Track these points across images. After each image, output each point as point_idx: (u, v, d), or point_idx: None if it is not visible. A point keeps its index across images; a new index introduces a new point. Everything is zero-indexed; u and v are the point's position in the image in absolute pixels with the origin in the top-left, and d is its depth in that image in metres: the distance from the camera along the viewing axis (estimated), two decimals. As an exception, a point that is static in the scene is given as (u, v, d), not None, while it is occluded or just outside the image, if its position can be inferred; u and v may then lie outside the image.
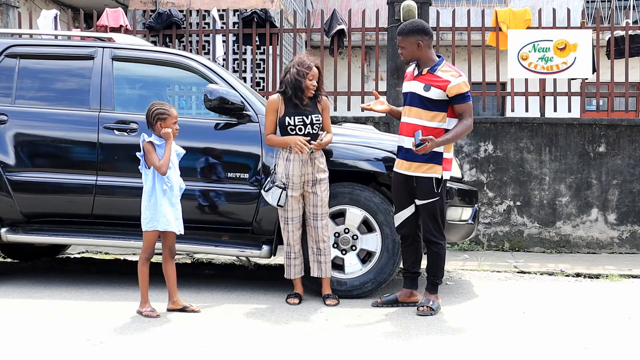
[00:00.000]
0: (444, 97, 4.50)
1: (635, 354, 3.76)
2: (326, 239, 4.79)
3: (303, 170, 4.72)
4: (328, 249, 4.82)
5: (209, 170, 5.10)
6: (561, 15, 11.00)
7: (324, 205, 4.77)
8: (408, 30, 4.60)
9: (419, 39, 4.56)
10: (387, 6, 8.07)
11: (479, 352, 3.72)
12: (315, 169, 4.74)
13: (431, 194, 4.54)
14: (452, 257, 6.86)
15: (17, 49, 5.38)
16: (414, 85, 4.59)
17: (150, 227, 4.39)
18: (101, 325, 4.12)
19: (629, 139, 7.68)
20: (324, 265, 4.80)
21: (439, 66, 4.56)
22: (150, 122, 4.42)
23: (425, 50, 4.58)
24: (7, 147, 5.14)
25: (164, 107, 4.42)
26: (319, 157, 4.77)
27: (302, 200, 4.79)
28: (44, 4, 12.17)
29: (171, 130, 4.40)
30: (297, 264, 4.85)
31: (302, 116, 4.74)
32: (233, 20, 11.34)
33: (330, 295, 4.81)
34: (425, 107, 4.53)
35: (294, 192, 4.74)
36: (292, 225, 4.79)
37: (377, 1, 15.02)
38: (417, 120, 4.54)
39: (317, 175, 4.74)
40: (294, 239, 4.80)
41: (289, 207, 4.76)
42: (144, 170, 4.43)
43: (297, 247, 4.83)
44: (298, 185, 4.74)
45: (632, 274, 6.30)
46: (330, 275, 4.85)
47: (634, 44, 8.29)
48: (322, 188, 4.75)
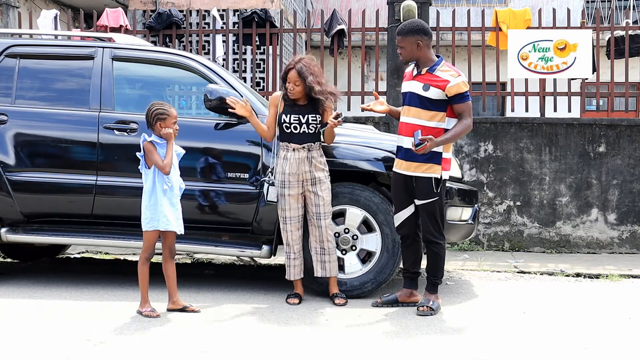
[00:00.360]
0: (443, 96, 4.50)
1: (635, 354, 3.77)
2: (331, 238, 4.78)
3: (300, 169, 4.72)
4: (333, 249, 4.80)
5: (209, 170, 5.10)
6: (561, 15, 11.00)
7: (326, 204, 4.76)
8: (407, 30, 4.60)
9: (418, 39, 4.56)
10: (387, 6, 8.07)
11: (479, 352, 3.72)
12: (312, 167, 4.74)
13: (430, 194, 4.54)
14: (452, 257, 6.86)
15: (17, 49, 5.38)
16: (413, 85, 4.59)
17: (150, 226, 4.39)
18: (101, 325, 4.12)
19: (629, 139, 7.68)
20: (329, 264, 4.79)
21: (438, 66, 4.56)
22: (150, 122, 4.42)
23: (425, 50, 4.58)
24: (7, 147, 5.14)
25: (164, 107, 4.42)
26: (316, 156, 4.76)
27: (302, 200, 4.79)
28: (44, 4, 12.17)
29: (172, 130, 4.40)
30: (297, 264, 4.84)
31: (297, 115, 4.75)
32: (233, 20, 11.34)
33: (338, 294, 4.81)
34: (424, 107, 4.53)
35: (291, 191, 4.74)
36: (290, 224, 4.78)
37: (377, 1, 15.02)
38: (416, 120, 4.54)
39: (316, 174, 4.74)
40: (293, 238, 4.80)
41: (286, 206, 4.76)
42: (144, 170, 4.43)
43: (297, 248, 4.82)
44: (295, 184, 4.73)
45: (632, 274, 6.30)
46: (336, 274, 4.84)
47: (634, 44, 8.29)
48: (322, 187, 4.75)
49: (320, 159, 4.79)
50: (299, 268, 4.86)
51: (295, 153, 4.72)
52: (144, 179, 4.44)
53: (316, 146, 4.78)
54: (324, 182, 4.76)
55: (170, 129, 4.38)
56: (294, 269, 4.84)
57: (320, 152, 4.80)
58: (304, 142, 4.74)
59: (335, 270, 4.83)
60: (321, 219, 4.75)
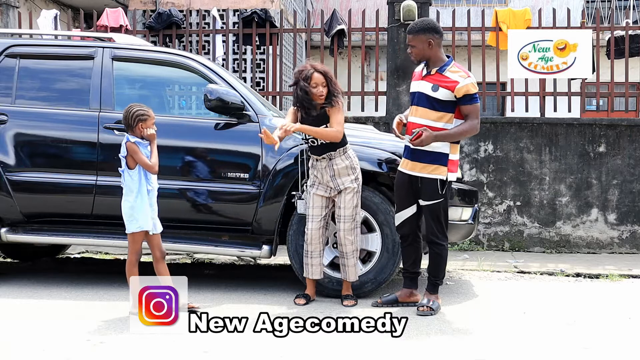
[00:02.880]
0: (451, 97, 4.47)
1: (635, 354, 3.77)
2: (348, 242, 4.70)
3: (324, 178, 4.69)
4: (351, 254, 4.72)
5: (208, 170, 5.10)
6: (561, 15, 10.99)
7: (347, 207, 4.67)
8: (419, 28, 4.56)
9: (430, 38, 4.53)
10: (387, 6, 8.07)
11: (479, 352, 3.72)
12: (336, 174, 4.66)
13: (435, 195, 4.52)
14: (452, 257, 6.84)
15: (17, 49, 5.38)
16: (422, 85, 4.56)
17: (137, 227, 4.37)
18: (101, 325, 4.12)
19: (629, 139, 7.68)
20: (347, 268, 4.74)
21: (448, 66, 4.53)
22: (130, 124, 4.37)
23: (436, 50, 4.55)
24: (7, 147, 5.14)
25: (143, 109, 4.40)
26: (340, 162, 4.65)
27: (327, 203, 4.73)
28: (44, 4, 12.17)
29: (154, 131, 4.40)
30: (314, 264, 4.76)
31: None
32: (233, 20, 11.34)
33: (348, 295, 4.78)
34: (433, 108, 4.50)
35: (318, 191, 4.71)
36: (311, 222, 4.73)
37: (377, 1, 15.01)
38: (424, 120, 4.51)
39: (339, 180, 4.66)
40: (312, 237, 4.72)
41: (310, 203, 4.73)
42: (127, 171, 4.40)
43: (315, 247, 4.73)
44: (322, 187, 4.71)
45: (632, 274, 6.30)
46: (352, 279, 4.78)
47: (634, 44, 8.29)
48: (346, 192, 4.66)
49: (344, 164, 4.66)
50: (317, 268, 4.77)
51: (319, 163, 4.71)
52: (125, 180, 4.39)
53: (338, 153, 4.67)
54: (348, 186, 4.67)
55: (152, 130, 4.38)
56: (312, 268, 4.77)
57: (344, 156, 4.68)
58: (324, 153, 4.68)
59: (352, 276, 4.76)
60: (341, 222, 4.69)
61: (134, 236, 4.39)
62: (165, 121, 5.00)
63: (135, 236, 4.39)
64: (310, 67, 4.67)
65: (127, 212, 4.38)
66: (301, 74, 4.65)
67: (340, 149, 4.69)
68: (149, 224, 4.36)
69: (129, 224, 4.37)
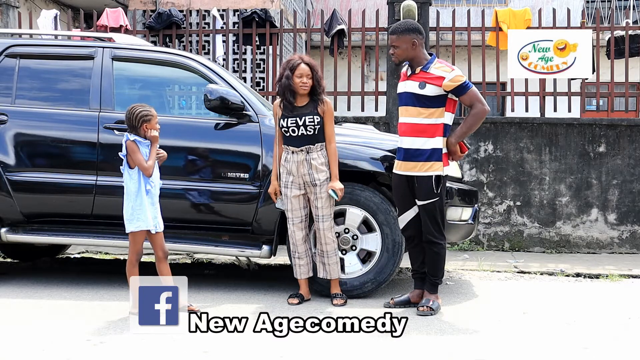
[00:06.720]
0: (440, 92, 4.50)
1: (635, 354, 3.77)
2: (329, 241, 4.75)
3: (299, 171, 4.71)
4: (332, 251, 4.78)
5: (208, 170, 5.10)
6: (561, 15, 10.99)
7: (324, 207, 4.73)
8: (403, 29, 4.61)
9: (414, 38, 4.57)
10: (387, 6, 8.07)
11: (479, 352, 3.72)
12: (312, 169, 4.70)
13: (431, 195, 4.53)
14: (452, 257, 6.86)
15: (17, 49, 5.38)
16: (409, 84, 4.59)
17: (136, 227, 4.36)
18: (101, 325, 4.12)
19: (629, 139, 7.69)
20: (329, 266, 4.78)
21: (432, 64, 4.57)
22: (134, 124, 4.34)
23: (419, 50, 4.60)
24: (7, 147, 5.15)
25: (146, 109, 4.38)
26: (316, 158, 4.71)
27: (304, 201, 4.79)
28: (44, 4, 12.17)
29: (157, 133, 4.39)
30: (302, 264, 4.82)
31: (295, 118, 4.70)
32: (233, 20, 11.33)
33: (337, 294, 4.80)
34: (422, 105, 4.53)
35: (292, 192, 4.74)
36: (293, 225, 4.78)
37: (377, 1, 15.01)
38: (415, 119, 4.53)
39: (315, 176, 4.71)
40: (297, 238, 4.78)
41: (288, 206, 4.76)
42: (127, 170, 4.39)
43: (300, 248, 4.80)
44: (296, 185, 4.73)
45: (632, 274, 6.30)
46: (336, 277, 4.81)
47: (634, 44, 8.29)
48: (322, 190, 4.73)
49: (320, 160, 4.73)
50: (305, 268, 4.83)
51: (294, 155, 4.71)
52: (126, 179, 4.40)
53: (316, 148, 4.73)
54: (324, 184, 4.74)
55: (156, 132, 4.37)
56: (300, 268, 4.82)
57: (321, 153, 4.74)
58: (302, 145, 4.72)
59: (335, 273, 4.81)
60: (319, 221, 4.75)
61: (135, 236, 4.39)
62: (165, 121, 4.98)
63: (136, 236, 4.39)
64: (299, 57, 4.75)
65: (127, 211, 4.38)
66: (288, 64, 4.73)
67: (319, 144, 4.74)
68: (149, 223, 4.36)
69: (129, 223, 4.37)
